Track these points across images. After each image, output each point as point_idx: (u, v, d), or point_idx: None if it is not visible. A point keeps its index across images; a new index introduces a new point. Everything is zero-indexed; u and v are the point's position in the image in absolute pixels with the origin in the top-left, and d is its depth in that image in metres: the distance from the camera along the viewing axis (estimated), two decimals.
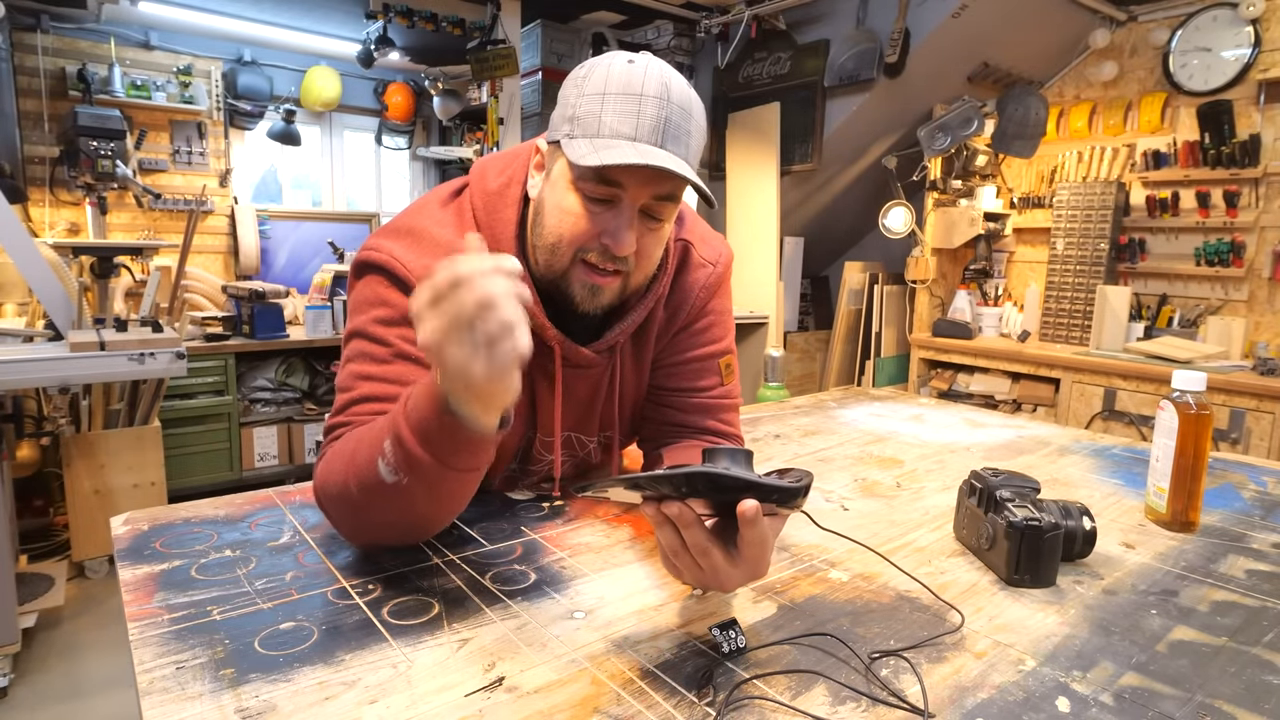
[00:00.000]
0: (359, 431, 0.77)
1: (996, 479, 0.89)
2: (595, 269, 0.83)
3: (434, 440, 0.67)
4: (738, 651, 0.65)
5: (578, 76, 0.82)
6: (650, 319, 0.97)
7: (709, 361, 1.02)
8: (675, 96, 0.78)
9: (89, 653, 2.27)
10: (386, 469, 0.69)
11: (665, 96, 0.77)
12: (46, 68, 3.34)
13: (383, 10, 3.40)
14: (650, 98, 0.77)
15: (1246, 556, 0.94)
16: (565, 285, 0.85)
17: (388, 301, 0.85)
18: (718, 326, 1.03)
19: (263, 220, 4.00)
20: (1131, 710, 0.61)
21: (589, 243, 0.81)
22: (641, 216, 0.81)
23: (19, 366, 2.03)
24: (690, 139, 0.80)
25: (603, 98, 0.77)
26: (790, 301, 4.48)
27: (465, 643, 0.68)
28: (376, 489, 0.71)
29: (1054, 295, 3.77)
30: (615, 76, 0.78)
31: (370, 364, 0.84)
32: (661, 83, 0.78)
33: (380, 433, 0.71)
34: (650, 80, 0.78)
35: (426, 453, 0.67)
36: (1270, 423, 2.80)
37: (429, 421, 0.66)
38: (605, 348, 0.93)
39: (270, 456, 3.48)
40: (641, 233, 0.82)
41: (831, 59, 3.72)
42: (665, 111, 0.77)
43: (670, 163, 0.76)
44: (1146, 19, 3.55)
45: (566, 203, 0.81)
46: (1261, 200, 3.21)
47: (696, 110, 0.81)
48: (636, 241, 0.82)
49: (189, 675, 0.62)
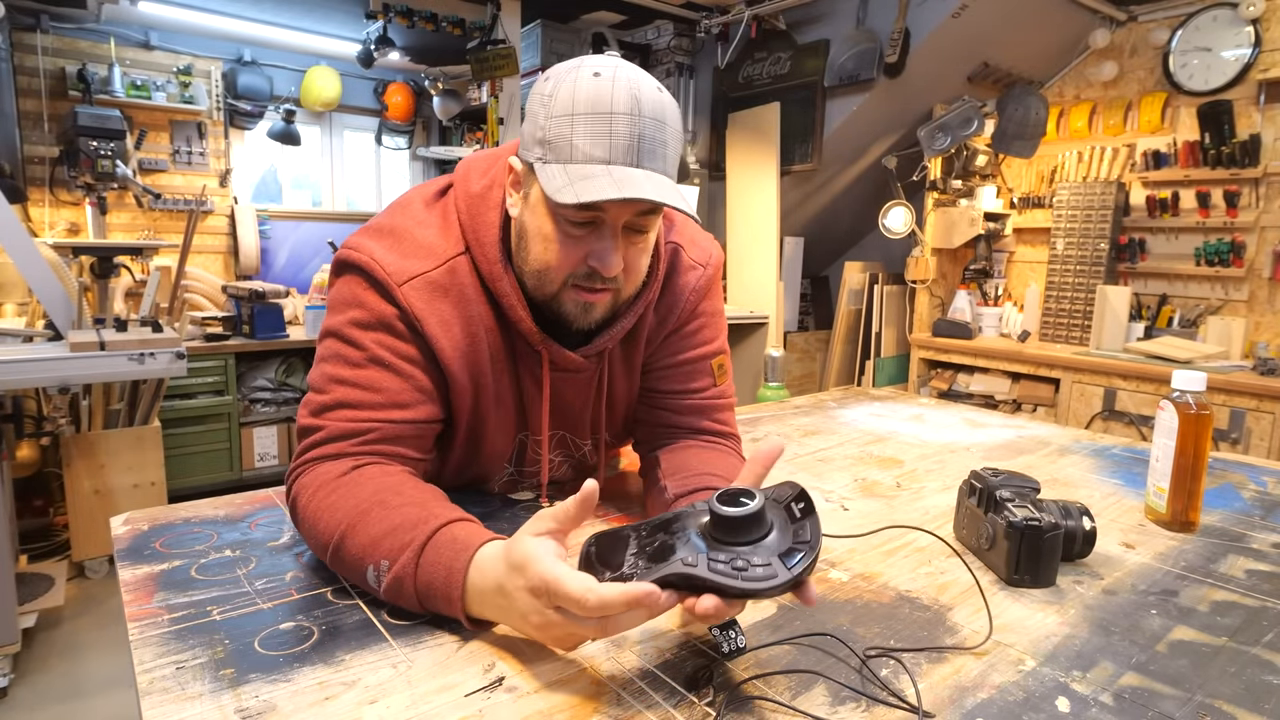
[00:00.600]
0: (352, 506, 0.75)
1: (996, 479, 0.89)
2: (585, 289, 0.82)
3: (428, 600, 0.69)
4: (738, 651, 0.65)
5: (543, 93, 0.78)
6: (640, 323, 0.96)
7: (701, 363, 1.02)
8: (646, 109, 0.75)
9: (89, 653, 2.27)
10: (373, 577, 0.71)
11: (636, 111, 0.75)
12: (46, 68, 3.34)
13: (383, 10, 3.40)
14: (621, 115, 0.74)
15: (1246, 556, 0.94)
16: (558, 306, 0.85)
17: (364, 304, 0.84)
18: (709, 328, 1.03)
19: (263, 220, 4.00)
20: (1131, 710, 0.61)
21: (576, 267, 0.81)
22: (625, 232, 0.80)
23: (19, 366, 2.03)
24: (667, 149, 0.78)
25: (572, 119, 0.75)
26: (790, 301, 4.48)
27: (465, 643, 0.68)
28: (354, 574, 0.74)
29: (1054, 295, 3.77)
30: (582, 94, 0.75)
31: (344, 367, 0.84)
32: (631, 96, 0.75)
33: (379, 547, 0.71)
34: (619, 95, 0.74)
35: (416, 600, 0.70)
36: (1270, 423, 2.80)
37: (435, 591, 0.68)
38: (594, 353, 0.93)
39: (270, 456, 3.48)
40: (626, 249, 0.81)
41: (831, 59, 3.72)
42: (638, 128, 0.75)
43: (647, 189, 0.74)
44: (1146, 19, 3.55)
45: (548, 230, 0.80)
46: (1261, 200, 3.22)
47: (670, 115, 0.78)
48: (623, 259, 0.81)
49: (189, 675, 0.62)
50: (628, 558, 0.63)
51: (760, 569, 0.58)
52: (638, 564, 0.62)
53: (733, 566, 0.58)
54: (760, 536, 0.61)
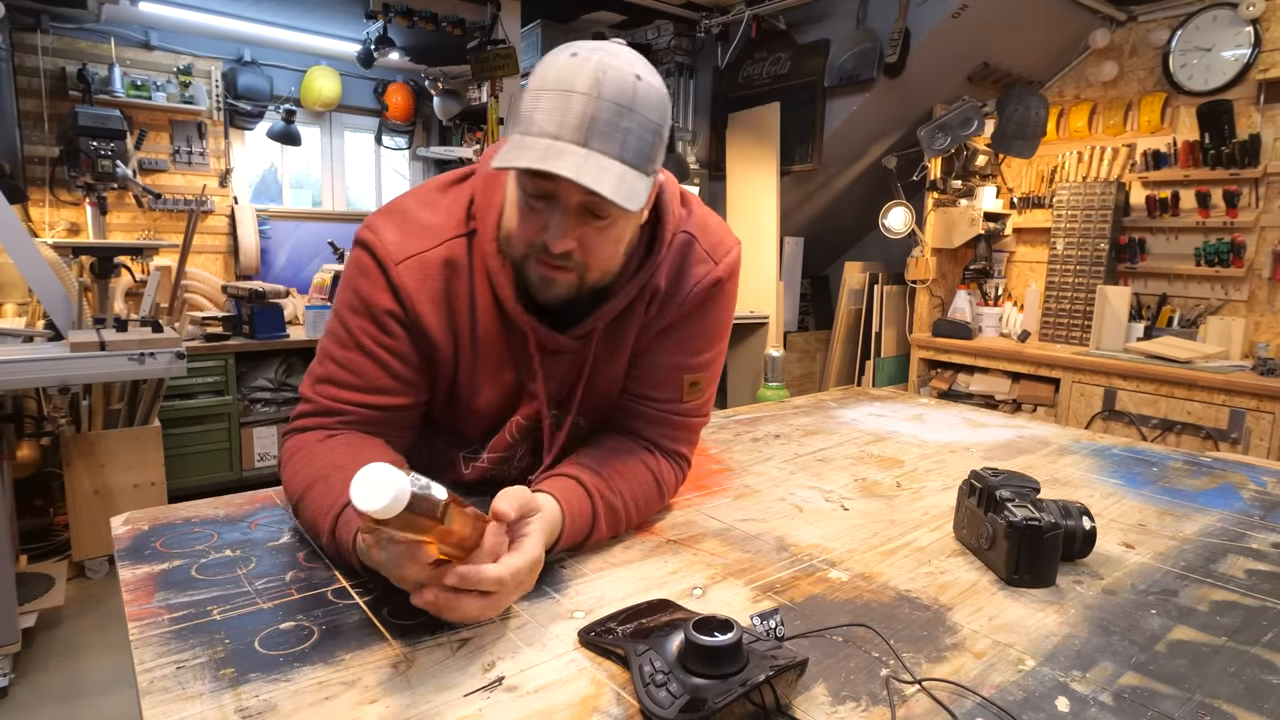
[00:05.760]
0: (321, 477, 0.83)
1: (996, 479, 0.89)
2: (545, 263, 0.84)
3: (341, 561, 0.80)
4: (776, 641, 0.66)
5: (536, 68, 0.81)
6: (630, 311, 0.95)
7: (673, 374, 0.99)
8: (608, 92, 0.75)
9: (89, 653, 2.27)
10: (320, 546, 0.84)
11: (596, 93, 0.75)
12: (46, 68, 3.33)
13: (383, 10, 3.40)
14: (578, 94, 0.75)
15: (1246, 556, 0.94)
16: (526, 275, 0.86)
17: (358, 290, 0.90)
18: (700, 339, 1.00)
19: (263, 220, 4.00)
20: (1131, 710, 0.61)
21: (533, 239, 0.82)
22: (584, 214, 0.80)
23: (19, 366, 2.03)
24: (629, 135, 0.76)
25: (538, 94, 0.77)
26: (790, 301, 4.48)
27: (465, 643, 0.68)
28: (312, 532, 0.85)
29: (1054, 295, 3.77)
30: (553, 71, 0.77)
31: (335, 345, 0.91)
32: (594, 79, 0.75)
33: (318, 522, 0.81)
34: (582, 75, 0.75)
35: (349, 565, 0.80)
36: (1270, 423, 2.80)
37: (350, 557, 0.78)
38: (580, 335, 0.93)
39: (270, 456, 3.48)
40: (584, 232, 0.81)
41: (831, 59, 3.72)
42: (592, 109, 0.75)
43: (568, 166, 0.73)
44: (1146, 19, 3.55)
45: (515, 197, 0.84)
46: (1261, 200, 3.21)
47: (642, 104, 0.77)
48: (578, 240, 0.81)
49: (189, 675, 0.62)
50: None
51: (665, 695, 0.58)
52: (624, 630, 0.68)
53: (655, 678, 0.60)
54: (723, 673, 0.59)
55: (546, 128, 0.75)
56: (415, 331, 0.90)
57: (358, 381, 0.89)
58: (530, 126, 0.76)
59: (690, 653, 0.59)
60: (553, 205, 0.80)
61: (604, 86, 0.75)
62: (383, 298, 0.88)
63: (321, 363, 0.92)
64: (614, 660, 0.66)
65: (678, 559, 0.88)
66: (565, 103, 0.75)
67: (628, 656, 0.63)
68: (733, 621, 0.60)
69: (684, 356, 0.99)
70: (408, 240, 0.89)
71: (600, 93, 0.75)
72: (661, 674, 0.59)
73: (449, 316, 0.91)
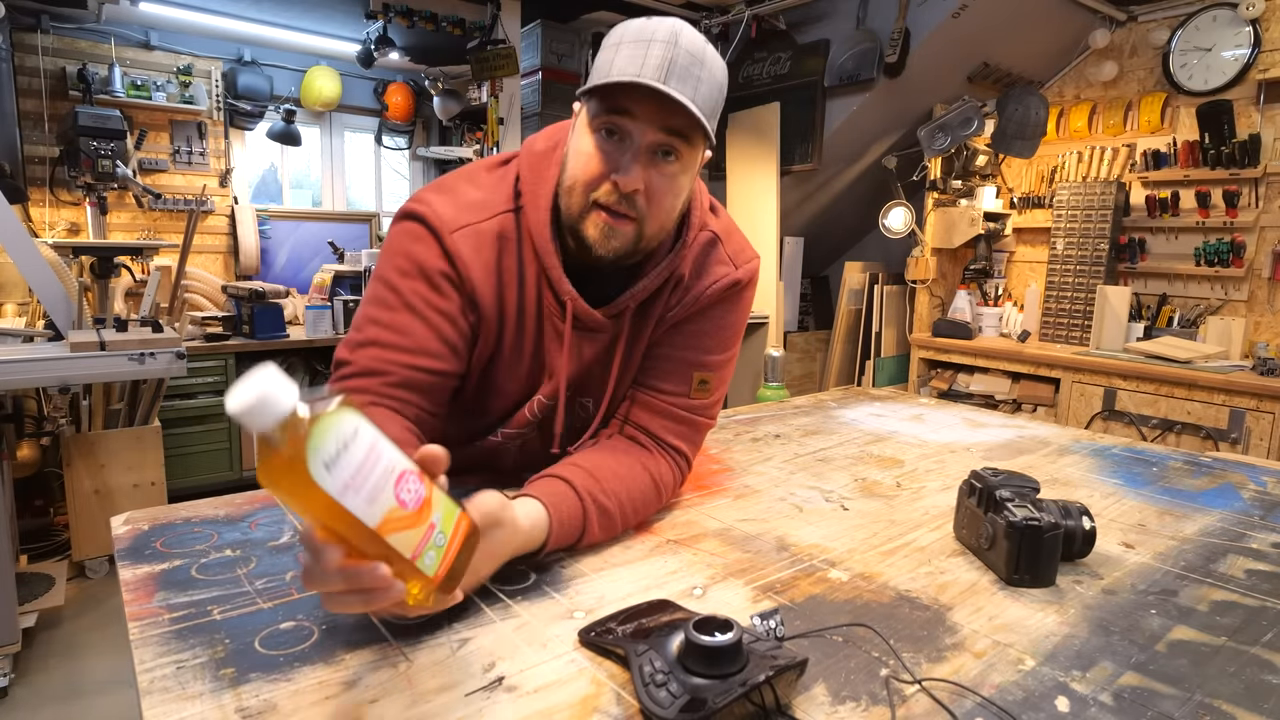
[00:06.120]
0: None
1: (996, 479, 0.89)
2: (609, 210, 0.85)
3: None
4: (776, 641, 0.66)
5: (609, 35, 0.86)
6: (656, 297, 0.97)
7: (683, 367, 1.00)
8: (684, 43, 0.81)
9: (89, 653, 2.27)
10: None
11: (673, 41, 0.81)
12: (46, 68, 3.34)
13: (383, 10, 3.40)
14: (658, 42, 0.80)
15: (1246, 556, 0.94)
16: (581, 228, 0.87)
17: (410, 254, 0.90)
18: (713, 338, 1.01)
19: (263, 220, 4.00)
20: (1131, 710, 0.61)
21: (601, 181, 0.84)
22: (651, 155, 0.84)
23: (19, 366, 2.03)
24: (700, 84, 0.82)
25: (617, 46, 0.82)
26: (790, 301, 4.48)
27: (465, 642, 0.68)
28: None
29: (1054, 295, 3.77)
30: (631, 28, 0.83)
31: (381, 309, 0.89)
32: (672, 31, 0.81)
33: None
34: (661, 28, 0.82)
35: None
36: (1270, 423, 2.80)
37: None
38: (614, 312, 0.95)
39: None
40: (651, 173, 0.84)
41: (831, 59, 3.72)
42: (671, 54, 0.80)
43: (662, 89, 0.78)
44: (1146, 19, 3.55)
45: (583, 145, 0.86)
46: (1261, 200, 3.21)
47: (711, 62, 0.83)
48: (646, 180, 0.84)
49: (189, 675, 0.62)
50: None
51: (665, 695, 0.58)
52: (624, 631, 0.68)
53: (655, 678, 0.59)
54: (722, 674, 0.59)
55: (627, 69, 0.80)
56: (467, 298, 0.91)
57: (406, 342, 0.87)
58: (610, 71, 0.81)
59: (690, 653, 0.59)
60: (624, 146, 0.84)
61: (681, 38, 0.81)
62: (438, 261, 0.89)
63: (361, 329, 0.89)
64: (614, 660, 0.66)
65: (678, 559, 0.88)
66: (645, 50, 0.80)
67: (628, 656, 0.63)
68: (733, 621, 0.60)
69: (695, 353, 1.01)
70: (461, 212, 0.91)
71: (678, 42, 0.81)
72: (661, 674, 0.59)
73: (499, 289, 0.92)
